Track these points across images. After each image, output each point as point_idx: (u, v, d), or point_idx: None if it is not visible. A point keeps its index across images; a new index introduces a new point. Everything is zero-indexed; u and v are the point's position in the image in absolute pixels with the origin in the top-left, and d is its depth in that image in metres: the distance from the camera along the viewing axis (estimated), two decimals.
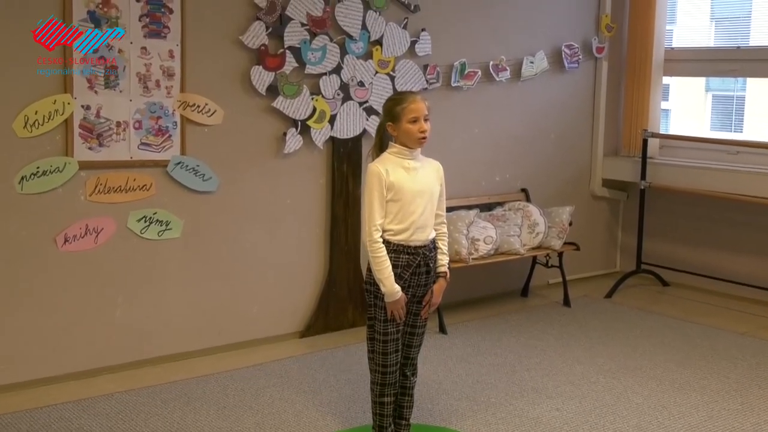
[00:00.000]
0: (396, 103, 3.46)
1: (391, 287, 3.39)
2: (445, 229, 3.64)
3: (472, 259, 5.55)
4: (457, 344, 5.20)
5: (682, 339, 5.38)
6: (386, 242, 3.41)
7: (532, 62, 6.21)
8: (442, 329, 5.41)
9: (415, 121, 3.42)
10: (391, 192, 3.41)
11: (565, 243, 6.08)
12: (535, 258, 6.30)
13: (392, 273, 3.39)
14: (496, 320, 5.73)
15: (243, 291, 5.03)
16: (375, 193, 3.40)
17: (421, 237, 3.45)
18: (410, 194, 3.42)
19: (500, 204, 6.15)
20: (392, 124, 3.45)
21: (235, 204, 4.92)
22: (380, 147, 3.55)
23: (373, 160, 3.51)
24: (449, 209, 5.60)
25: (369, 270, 3.47)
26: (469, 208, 5.81)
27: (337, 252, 5.33)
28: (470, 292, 6.12)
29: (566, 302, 6.13)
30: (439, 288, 3.60)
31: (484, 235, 5.63)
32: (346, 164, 5.28)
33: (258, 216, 5.02)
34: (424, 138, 3.44)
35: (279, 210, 5.11)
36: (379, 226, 3.40)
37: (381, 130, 3.55)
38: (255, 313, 5.09)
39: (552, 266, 6.19)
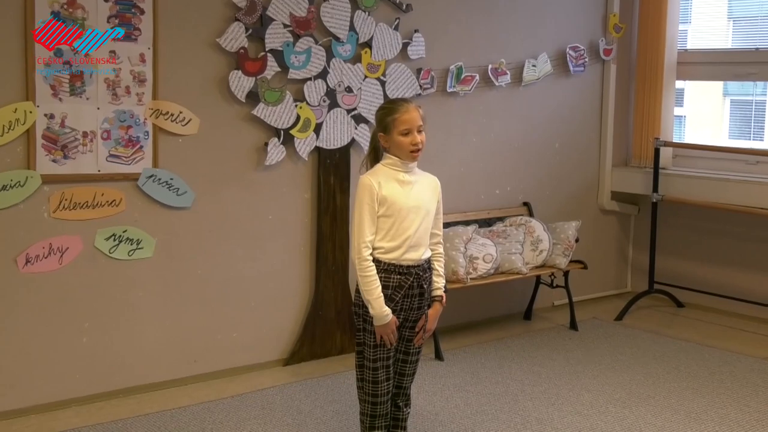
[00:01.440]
0: (387, 113, 3.48)
1: (380, 309, 3.40)
2: (441, 250, 3.65)
3: (471, 278, 5.57)
4: (455, 372, 5.20)
5: (699, 364, 5.40)
6: (376, 261, 3.43)
7: (534, 66, 6.25)
8: (439, 355, 5.41)
9: (407, 133, 3.44)
10: (384, 206, 3.43)
11: (571, 261, 6.10)
12: (538, 278, 6.32)
13: (382, 294, 3.41)
14: (497, 345, 5.74)
15: (221, 315, 5.03)
16: (365, 207, 3.42)
17: (414, 256, 3.47)
18: (404, 210, 3.44)
19: (501, 219, 6.18)
20: (384, 135, 3.48)
21: (213, 220, 4.93)
22: (374, 157, 3.57)
23: (366, 170, 3.53)
24: (445, 225, 5.62)
25: (358, 291, 3.48)
26: (467, 223, 5.83)
27: (323, 272, 5.34)
28: (468, 315, 6.13)
29: (573, 325, 6.15)
30: (434, 313, 3.62)
31: (484, 253, 5.65)
32: (333, 177, 5.30)
33: (237, 233, 5.03)
34: (417, 151, 3.46)
35: (260, 227, 5.12)
36: (369, 243, 3.41)
37: (374, 139, 3.58)
38: (234, 339, 5.09)
39: (557, 286, 6.21)
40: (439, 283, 3.62)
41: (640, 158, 6.83)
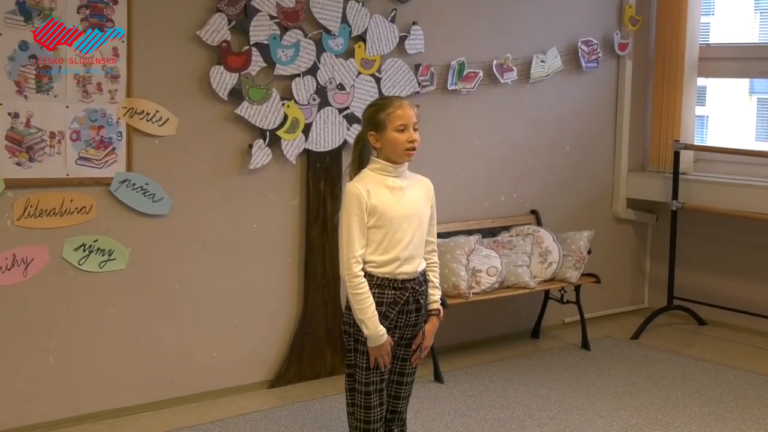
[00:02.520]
0: (380, 109, 3.49)
1: (374, 329, 3.41)
2: (436, 259, 3.66)
3: (473, 293, 5.57)
4: (456, 395, 5.20)
5: (723, 388, 5.40)
6: (368, 275, 3.43)
7: (543, 61, 6.26)
8: (438, 377, 5.41)
9: (403, 129, 3.45)
10: (374, 217, 3.43)
11: (583, 274, 6.11)
12: (547, 292, 6.32)
13: (376, 312, 3.41)
14: (502, 366, 5.74)
15: (201, 333, 5.03)
16: (354, 218, 3.42)
17: (409, 269, 3.48)
18: (396, 219, 3.45)
19: (506, 228, 6.19)
20: (375, 134, 3.48)
21: (192, 230, 4.93)
22: (359, 163, 3.57)
23: (351, 178, 3.54)
24: (445, 235, 5.65)
25: (348, 308, 3.48)
26: (470, 233, 5.84)
27: (313, 286, 5.34)
28: (471, 333, 6.13)
29: (585, 345, 6.15)
30: (431, 328, 3.63)
31: (487, 266, 5.65)
32: (323, 182, 5.31)
33: (219, 244, 5.03)
34: (413, 150, 3.47)
35: (244, 237, 5.12)
36: (359, 257, 3.41)
37: (360, 142, 3.58)
38: (215, 359, 5.09)
39: (568, 302, 6.22)
40: (435, 295, 3.63)
41: (659, 162, 6.84)
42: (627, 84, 6.82)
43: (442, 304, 3.73)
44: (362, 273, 3.42)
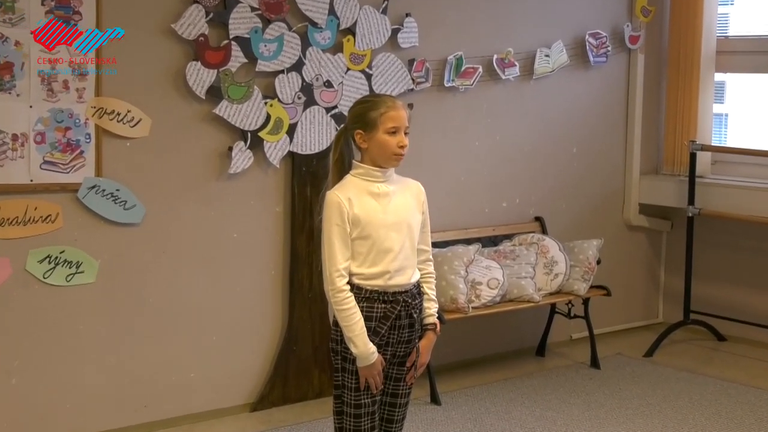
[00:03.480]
0: (371, 107, 3.49)
1: (363, 347, 3.41)
2: (431, 269, 3.67)
3: (473, 308, 5.58)
4: (454, 418, 5.21)
5: (744, 409, 5.41)
6: (356, 288, 3.44)
7: (547, 56, 6.28)
8: (435, 399, 5.42)
9: (394, 132, 3.46)
10: (357, 228, 3.43)
11: (591, 287, 6.12)
12: (553, 306, 6.34)
13: (365, 329, 3.41)
14: (504, 387, 5.75)
15: (177, 352, 5.03)
16: (335, 229, 3.42)
17: (401, 281, 3.48)
18: (383, 229, 3.45)
19: (508, 237, 6.20)
20: (363, 133, 3.48)
21: (167, 239, 4.94)
22: (341, 167, 3.57)
23: (333, 181, 3.54)
24: (443, 244, 5.66)
25: (336, 324, 3.49)
26: (469, 242, 5.85)
27: (298, 300, 5.35)
28: (470, 350, 6.14)
29: (594, 363, 6.16)
30: (426, 344, 3.63)
31: (488, 278, 5.66)
32: (309, 187, 5.32)
33: (196, 255, 5.04)
34: (401, 156, 3.48)
35: (223, 247, 5.13)
36: (343, 270, 3.42)
37: (343, 138, 3.56)
38: (192, 381, 5.09)
39: (575, 317, 6.23)
40: (431, 308, 3.63)
41: (673, 165, 6.85)
42: (639, 80, 6.84)
43: (439, 318, 3.74)
44: (347, 287, 3.41)
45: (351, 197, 3.44)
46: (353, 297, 3.42)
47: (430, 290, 3.64)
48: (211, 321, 5.12)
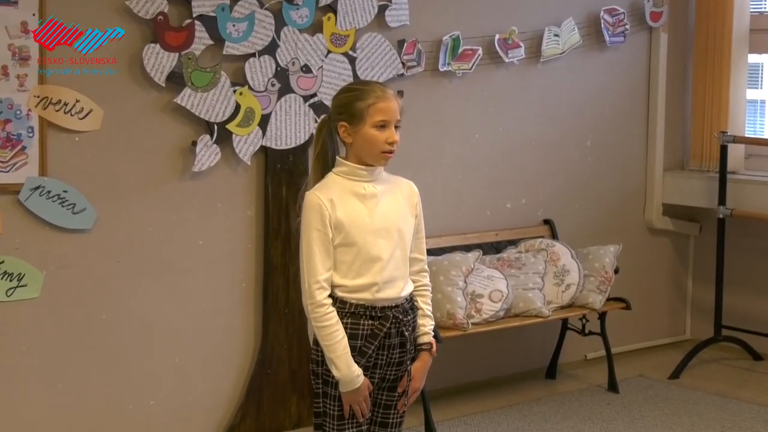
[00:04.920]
0: (358, 97, 3.50)
1: (347, 370, 3.41)
2: (427, 281, 3.68)
3: (473, 324, 5.59)
4: None
5: None
6: (340, 302, 3.45)
7: (556, 35, 6.30)
8: (430, 428, 5.43)
9: (383, 126, 3.47)
10: (341, 233, 3.44)
11: (608, 299, 6.14)
12: (565, 322, 6.35)
13: (348, 349, 3.42)
14: (510, 414, 5.76)
15: (134, 376, 5.03)
16: (314, 235, 3.43)
17: (390, 293, 3.49)
18: (369, 235, 3.46)
19: (513, 243, 6.22)
20: (348, 126, 3.49)
21: (122, 248, 4.94)
22: (324, 163, 3.58)
23: (316, 179, 3.55)
24: (438, 251, 5.67)
25: (316, 343, 3.50)
26: (468, 249, 5.86)
27: (273, 316, 5.35)
28: (470, 373, 6.16)
29: (612, 386, 6.18)
30: (420, 367, 3.64)
31: (490, 289, 5.67)
32: (285, 187, 5.33)
33: (155, 265, 5.04)
34: (390, 153, 3.49)
35: (187, 256, 5.13)
36: (324, 281, 3.43)
37: (325, 129, 3.57)
38: (151, 409, 5.09)
39: (591, 333, 6.25)
40: (426, 325, 3.64)
41: (701, 159, 6.88)
42: (661, 62, 6.86)
43: (435, 337, 3.75)
44: (329, 301, 3.42)
45: (333, 198, 3.45)
46: (335, 312, 3.42)
47: (425, 305, 3.65)
48: (173, 341, 5.12)
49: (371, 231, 3.46)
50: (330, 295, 3.43)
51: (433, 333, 3.68)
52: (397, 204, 3.56)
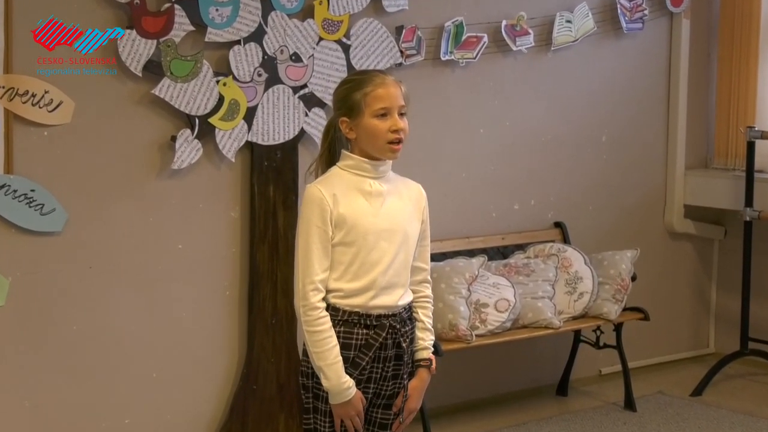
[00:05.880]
0: (354, 87, 3.52)
1: (337, 381, 3.42)
2: (428, 292, 3.70)
3: (477, 336, 5.60)
4: None
5: None
6: (332, 308, 3.46)
7: (569, 21, 6.31)
8: None
9: (384, 114, 3.48)
10: (341, 231, 3.46)
11: (625, 309, 6.15)
12: (578, 334, 6.37)
13: (340, 358, 3.43)
14: None
15: (108, 392, 5.03)
16: (314, 231, 3.45)
17: (388, 301, 3.51)
18: (372, 235, 3.48)
19: (521, 247, 6.24)
20: (348, 120, 3.51)
21: (94, 252, 4.95)
22: (329, 158, 3.60)
23: (315, 177, 3.58)
24: (440, 257, 5.68)
25: (306, 354, 3.51)
26: (472, 254, 5.88)
27: (259, 327, 5.36)
28: (474, 389, 6.17)
29: (629, 404, 6.20)
30: (418, 385, 3.65)
31: (496, 298, 5.68)
32: (273, 186, 5.34)
33: (131, 271, 5.05)
34: (398, 142, 3.50)
35: (165, 261, 5.14)
36: (319, 283, 3.44)
37: (331, 130, 3.60)
38: (127, 428, 5.10)
39: (606, 346, 6.26)
40: (425, 340, 3.65)
41: (726, 157, 6.90)
42: (683, 51, 6.87)
43: (435, 351, 3.76)
44: (323, 304, 3.44)
45: (336, 193, 3.47)
46: (329, 317, 3.44)
47: (425, 317, 3.66)
48: (150, 354, 5.13)
49: (374, 231, 3.48)
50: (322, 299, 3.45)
51: (432, 348, 3.69)
52: (403, 205, 3.59)
